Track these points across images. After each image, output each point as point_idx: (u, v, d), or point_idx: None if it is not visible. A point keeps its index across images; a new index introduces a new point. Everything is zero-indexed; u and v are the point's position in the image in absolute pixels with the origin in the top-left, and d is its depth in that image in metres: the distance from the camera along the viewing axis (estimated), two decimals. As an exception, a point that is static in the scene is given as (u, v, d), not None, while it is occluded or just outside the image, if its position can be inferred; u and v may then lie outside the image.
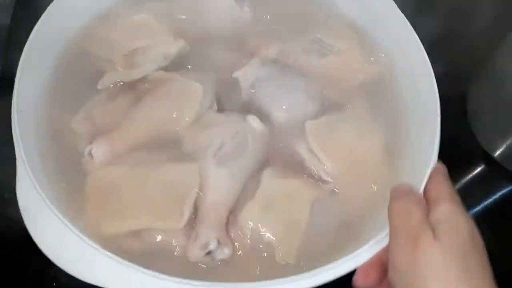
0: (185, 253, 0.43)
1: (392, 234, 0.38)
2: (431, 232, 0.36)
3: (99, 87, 0.50)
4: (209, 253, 0.43)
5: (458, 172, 0.62)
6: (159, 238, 0.44)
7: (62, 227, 0.39)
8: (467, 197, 0.61)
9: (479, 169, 0.64)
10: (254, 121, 0.49)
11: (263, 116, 0.50)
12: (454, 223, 0.37)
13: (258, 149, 0.48)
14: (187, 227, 0.44)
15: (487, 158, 0.63)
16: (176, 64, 0.53)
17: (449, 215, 0.37)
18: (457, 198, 0.39)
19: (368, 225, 0.45)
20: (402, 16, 0.52)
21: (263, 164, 0.48)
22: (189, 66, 0.53)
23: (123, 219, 0.44)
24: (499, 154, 0.63)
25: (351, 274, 0.40)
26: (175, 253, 0.44)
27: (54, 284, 0.49)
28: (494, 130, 0.63)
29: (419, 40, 0.50)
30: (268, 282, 0.38)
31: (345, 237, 0.45)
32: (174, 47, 0.52)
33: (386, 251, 0.39)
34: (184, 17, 0.56)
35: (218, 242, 0.43)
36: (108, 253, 0.38)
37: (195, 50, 0.54)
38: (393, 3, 0.53)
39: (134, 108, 0.49)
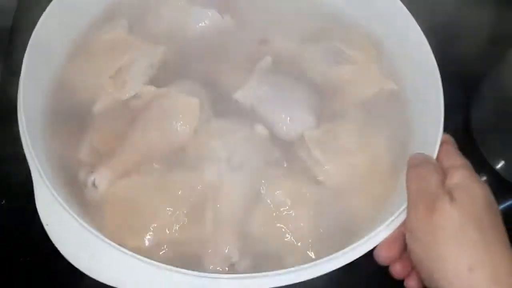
0: (203, 265, 0.43)
1: (409, 200, 0.40)
2: (448, 197, 0.37)
3: (94, 112, 0.49)
4: (231, 265, 0.43)
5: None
6: (182, 247, 0.44)
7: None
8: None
9: (481, 181, 0.64)
10: (261, 130, 0.49)
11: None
12: (470, 188, 0.38)
13: (265, 156, 0.48)
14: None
15: (490, 170, 0.63)
16: (166, 73, 0.52)
17: (465, 180, 0.39)
18: (470, 165, 0.41)
19: (371, 227, 0.44)
20: (419, 31, 0.51)
21: (266, 170, 0.48)
22: (180, 75, 0.52)
23: (145, 231, 0.43)
24: (502, 167, 0.63)
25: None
26: (198, 260, 0.44)
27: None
28: (497, 142, 0.63)
29: (434, 59, 0.49)
30: (284, 270, 0.39)
31: (349, 239, 0.44)
32: (156, 54, 0.52)
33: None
34: (162, 27, 0.55)
35: (239, 253, 0.43)
36: (138, 256, 0.39)
37: (182, 57, 0.54)
38: (411, 17, 0.52)
39: (132, 129, 0.48)
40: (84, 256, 0.39)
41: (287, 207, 0.46)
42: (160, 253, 0.43)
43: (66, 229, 0.40)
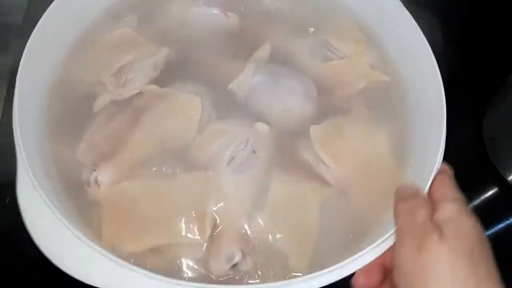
0: (207, 267, 0.42)
1: (398, 235, 0.38)
2: (437, 233, 0.36)
3: (94, 110, 0.49)
4: (234, 265, 0.42)
5: (472, 194, 0.62)
6: (181, 252, 0.43)
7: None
8: (480, 220, 0.61)
9: (492, 192, 0.63)
10: (263, 128, 0.48)
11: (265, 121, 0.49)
12: (460, 224, 0.36)
13: (268, 155, 0.48)
14: (208, 239, 0.43)
15: (502, 182, 0.62)
16: (168, 74, 0.52)
17: (455, 215, 0.37)
18: (462, 199, 0.39)
19: (379, 225, 0.44)
20: (413, 22, 0.50)
21: (269, 170, 0.47)
22: (182, 76, 0.51)
23: (143, 236, 0.43)
24: (514, 179, 0.62)
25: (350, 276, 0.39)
26: (198, 267, 0.43)
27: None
28: (509, 154, 0.62)
29: (429, 46, 0.49)
30: (268, 284, 0.38)
31: (357, 238, 0.44)
32: (160, 56, 0.52)
33: (389, 252, 0.39)
34: (166, 27, 0.55)
35: (242, 253, 0.42)
36: (126, 263, 0.37)
37: (185, 58, 0.53)
38: (405, 9, 0.52)
39: (134, 128, 0.48)
40: (71, 257, 0.38)
41: (292, 208, 0.45)
42: (157, 258, 0.42)
43: (53, 231, 0.38)
